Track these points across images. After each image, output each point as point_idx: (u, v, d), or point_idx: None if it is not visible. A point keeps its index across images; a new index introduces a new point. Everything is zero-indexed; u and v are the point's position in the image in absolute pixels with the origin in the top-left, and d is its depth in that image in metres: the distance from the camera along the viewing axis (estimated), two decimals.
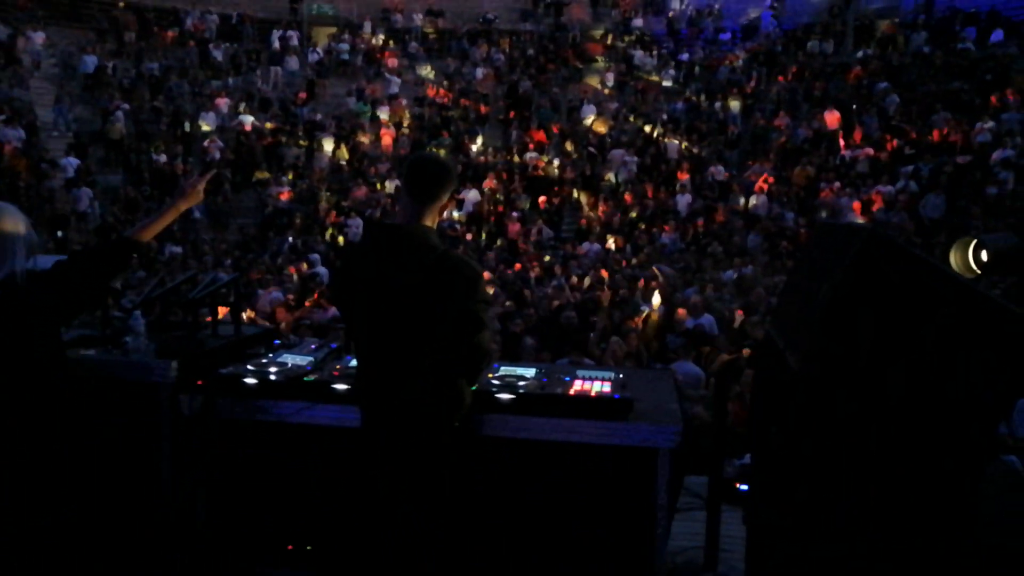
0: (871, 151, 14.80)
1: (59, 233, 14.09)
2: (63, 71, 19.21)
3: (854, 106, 16.24)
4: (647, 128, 18.42)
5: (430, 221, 2.38)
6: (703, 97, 19.12)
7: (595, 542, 2.67)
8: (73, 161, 16.26)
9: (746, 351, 5.90)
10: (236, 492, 2.92)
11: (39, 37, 18.91)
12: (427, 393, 2.32)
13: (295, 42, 22.05)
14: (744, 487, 3.91)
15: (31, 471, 2.27)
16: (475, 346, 2.31)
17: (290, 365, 2.98)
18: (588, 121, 18.56)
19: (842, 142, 15.52)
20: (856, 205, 13.13)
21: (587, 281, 10.28)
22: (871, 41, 19.32)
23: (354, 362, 3.07)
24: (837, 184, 13.99)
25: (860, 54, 18.56)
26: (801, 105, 17.52)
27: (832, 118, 16.02)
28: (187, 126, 18.10)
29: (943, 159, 13.66)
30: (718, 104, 18.60)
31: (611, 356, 6.17)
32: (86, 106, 18.14)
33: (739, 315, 7.81)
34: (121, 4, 21.39)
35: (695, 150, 17.26)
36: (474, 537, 2.70)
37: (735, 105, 18.01)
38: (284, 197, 16.42)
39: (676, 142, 17.40)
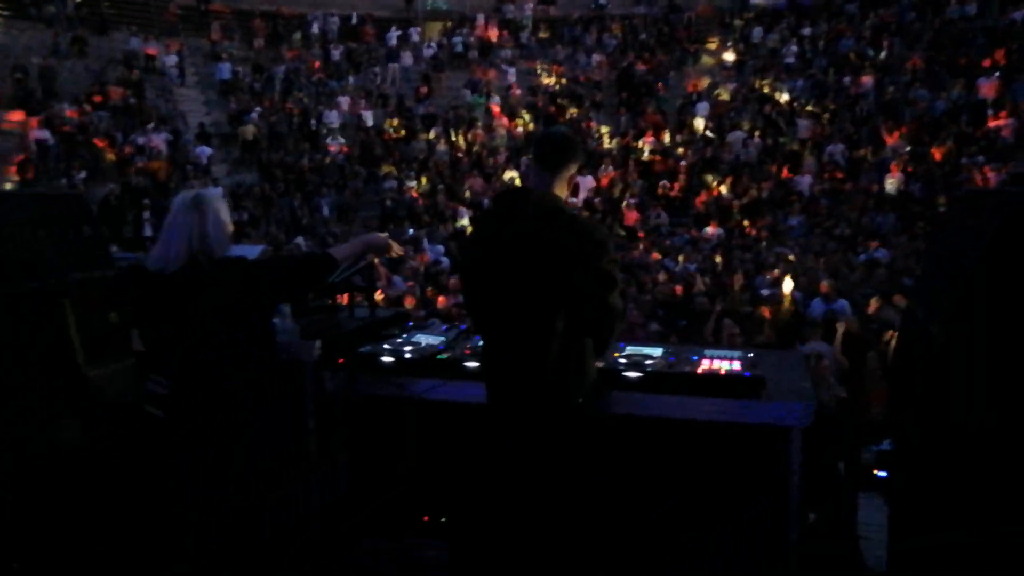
0: (1013, 122, 13.59)
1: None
2: (201, 79, 20.60)
3: (997, 74, 14.96)
4: (768, 108, 17.73)
5: (559, 190, 2.41)
6: (831, 72, 18.14)
7: (725, 523, 2.64)
8: (206, 150, 17.73)
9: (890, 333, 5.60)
10: (375, 464, 3.08)
11: (174, 46, 20.29)
12: (553, 365, 2.31)
13: (414, 38, 22.64)
14: (883, 473, 3.74)
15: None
16: (609, 306, 2.27)
17: (423, 344, 3.11)
18: (699, 124, 18.01)
19: (989, 114, 14.35)
20: (989, 181, 12.12)
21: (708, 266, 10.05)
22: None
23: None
24: (980, 158, 12.98)
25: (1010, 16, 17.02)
26: (941, 76, 16.32)
27: (990, 87, 14.80)
28: (313, 125, 19.00)
29: None
30: (847, 79, 17.62)
31: (726, 340, 6.03)
32: (221, 111, 19.37)
33: (872, 304, 7.40)
34: (253, 12, 22.67)
35: (820, 129, 16.44)
36: (599, 515, 2.73)
37: (866, 80, 16.99)
38: (413, 194, 16.90)
39: (801, 121, 16.65)
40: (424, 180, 17.35)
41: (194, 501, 2.52)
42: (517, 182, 16.36)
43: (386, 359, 3.00)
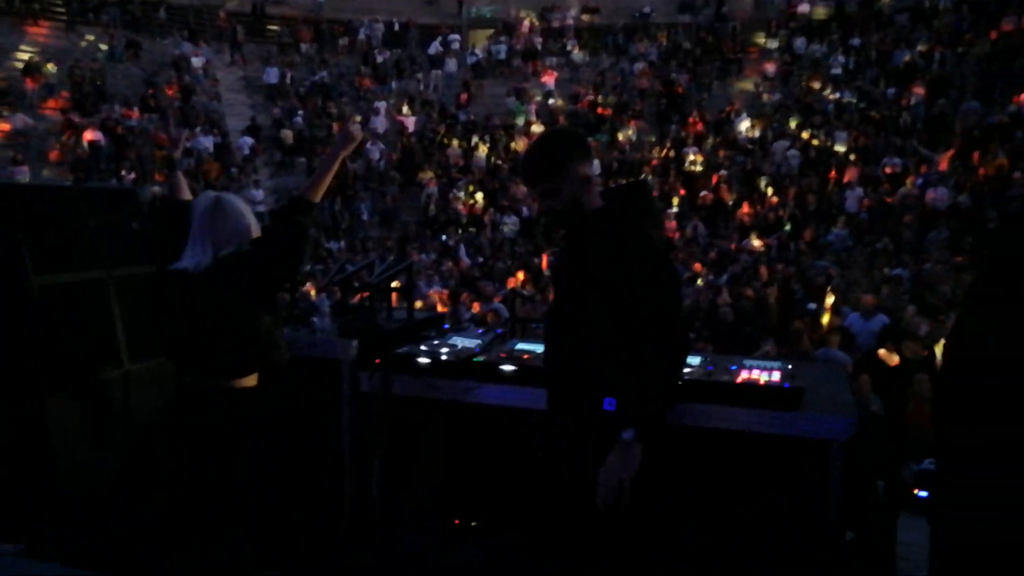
0: None
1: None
2: (249, 83, 21.04)
3: None
4: (812, 120, 17.47)
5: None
6: (882, 83, 17.79)
7: (763, 535, 2.59)
8: (248, 140, 18.29)
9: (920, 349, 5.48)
10: (408, 465, 3.10)
11: (207, 55, 20.68)
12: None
13: (456, 45, 22.83)
14: (923, 493, 3.65)
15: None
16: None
17: (460, 347, 3.12)
18: (742, 127, 17.81)
19: None
20: None
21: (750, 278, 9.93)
22: None
23: (520, 344, 3.18)
24: None
25: None
26: (995, 88, 15.90)
27: None
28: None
29: None
30: (891, 91, 17.27)
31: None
32: (267, 115, 19.74)
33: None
34: (300, 18, 23.10)
35: (866, 141, 16.12)
36: (635, 523, 2.70)
37: (917, 91, 16.64)
38: (460, 207, 16.92)
39: (845, 133, 16.36)
40: (471, 189, 17.39)
41: (202, 504, 2.56)
42: None
43: (422, 360, 3.01)
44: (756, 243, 13.14)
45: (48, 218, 3.11)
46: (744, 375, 2.70)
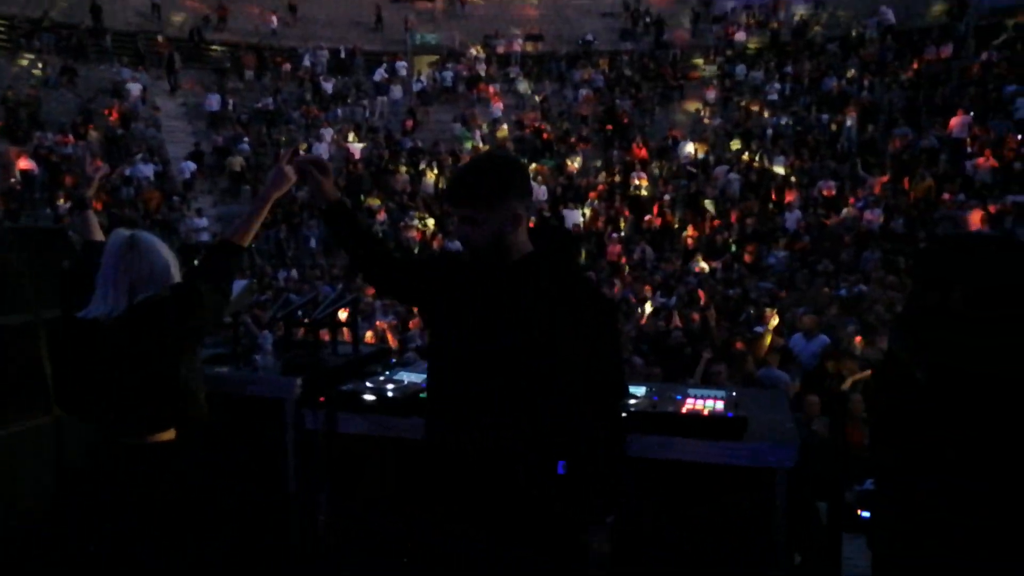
0: (995, 161, 13.86)
1: (195, 263, 15.10)
2: (190, 110, 20.69)
3: (972, 112, 15.25)
4: (751, 144, 18.00)
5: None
6: (813, 110, 18.47)
7: (710, 566, 2.62)
8: (191, 165, 18.10)
9: (862, 373, 5.64)
10: (354, 504, 3.04)
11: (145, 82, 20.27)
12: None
13: (403, 72, 22.88)
14: (866, 514, 3.73)
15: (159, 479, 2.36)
16: None
17: (406, 383, 3.08)
18: (686, 151, 18.21)
19: (968, 150, 14.60)
20: (976, 214, 12.29)
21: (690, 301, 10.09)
22: (993, 42, 18.13)
23: None
24: (961, 196, 13.18)
25: (984, 56, 17.44)
26: (921, 114, 16.65)
27: (958, 122, 15.06)
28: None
29: None
30: (825, 117, 17.93)
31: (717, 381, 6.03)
32: (208, 142, 19.43)
33: (858, 341, 7.45)
34: (242, 45, 22.87)
35: (803, 164, 16.67)
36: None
37: (849, 117, 17.30)
38: (415, 235, 16.80)
39: (783, 157, 16.89)
40: (420, 216, 17.31)
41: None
42: None
43: (368, 397, 2.96)
44: (702, 265, 13.39)
45: None
46: (689, 405, 2.73)
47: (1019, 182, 13.11)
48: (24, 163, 16.02)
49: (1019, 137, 14.43)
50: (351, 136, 20.06)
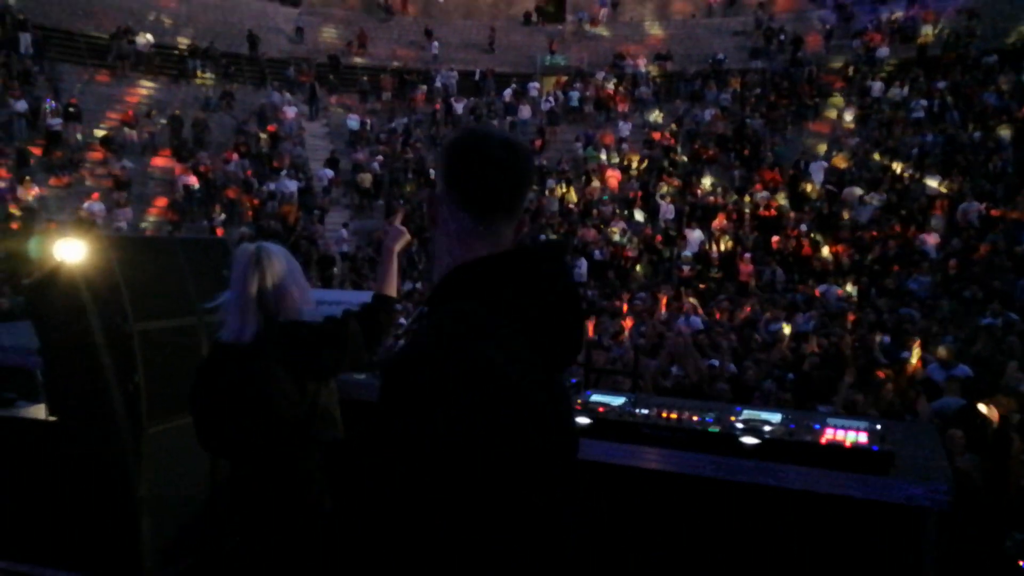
0: None
1: (334, 269, 15.96)
2: (332, 130, 21.92)
3: None
4: (894, 165, 16.98)
5: None
6: (971, 127, 17.18)
7: None
8: (328, 172, 19.04)
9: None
10: None
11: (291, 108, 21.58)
12: None
13: (532, 92, 23.26)
14: None
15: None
16: None
17: None
18: (818, 178, 17.37)
19: None
20: None
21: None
22: None
23: (595, 396, 3.14)
24: None
25: None
26: None
27: None
28: (431, 174, 19.74)
29: None
30: (977, 135, 16.65)
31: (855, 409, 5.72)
32: (348, 160, 20.49)
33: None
34: (382, 68, 24.02)
35: (952, 186, 15.54)
36: None
37: (1004, 133, 16.00)
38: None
39: (929, 178, 15.81)
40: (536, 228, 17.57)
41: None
42: (616, 236, 16.19)
43: None
44: (837, 290, 12.75)
45: (146, 268, 3.31)
46: (829, 435, 2.61)
47: None
48: (186, 178, 17.50)
49: None
50: None
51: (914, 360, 7.31)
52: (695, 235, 15.78)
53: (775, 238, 15.51)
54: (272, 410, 2.08)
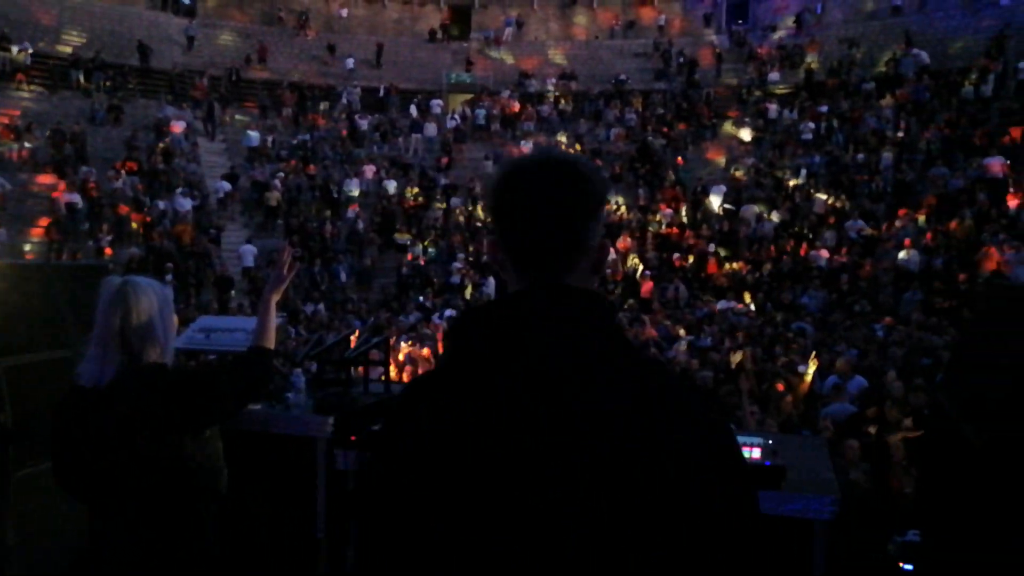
0: None
1: (232, 292, 15.33)
2: (230, 146, 21.20)
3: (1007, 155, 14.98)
4: (787, 183, 17.89)
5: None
6: (851, 149, 18.31)
7: None
8: (225, 185, 18.47)
9: (907, 423, 5.48)
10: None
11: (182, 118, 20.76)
12: None
13: (436, 110, 23.25)
14: (908, 566, 3.60)
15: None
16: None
17: None
18: (715, 205, 18.10)
19: (1009, 191, 14.33)
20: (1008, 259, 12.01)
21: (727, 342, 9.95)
22: None
23: None
24: (1002, 236, 12.91)
25: None
26: (957, 154, 16.42)
27: (997, 165, 14.83)
28: (335, 192, 19.37)
29: None
30: (861, 156, 17.78)
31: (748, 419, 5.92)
32: (247, 177, 19.85)
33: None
34: (283, 83, 23.45)
35: (838, 204, 16.50)
36: None
37: (885, 156, 17.13)
38: (420, 261, 17.09)
39: (819, 196, 16.74)
40: (426, 244, 17.56)
41: None
42: None
43: None
44: (734, 304, 13.25)
45: (12, 297, 3.07)
46: None
47: None
48: (67, 196, 16.48)
49: None
50: (385, 173, 20.36)
51: (810, 373, 7.65)
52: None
53: (676, 256, 16.02)
54: (132, 462, 1.91)
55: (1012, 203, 13.99)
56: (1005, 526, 1.78)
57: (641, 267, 15.84)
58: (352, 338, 4.06)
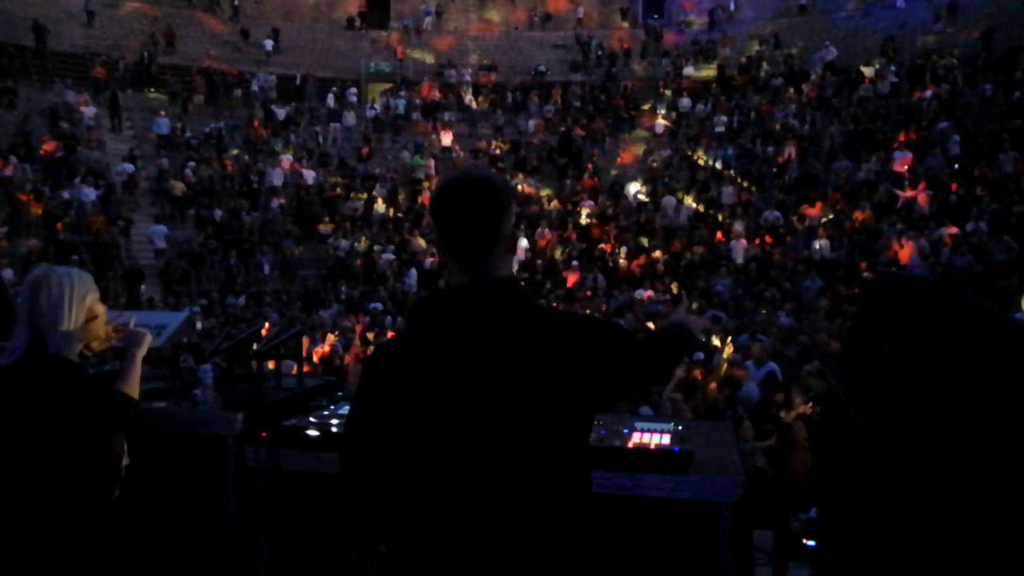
0: (929, 193, 14.43)
1: (142, 288, 14.69)
2: (138, 133, 20.28)
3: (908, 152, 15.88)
4: (699, 175, 18.41)
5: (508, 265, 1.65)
6: (758, 142, 18.99)
7: None
8: (128, 167, 17.80)
9: (807, 406, 5.75)
10: (297, 543, 2.96)
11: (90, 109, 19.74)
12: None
13: (352, 99, 22.83)
14: (811, 542, 3.78)
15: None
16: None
17: None
18: (631, 191, 18.49)
19: (906, 184, 15.16)
20: (906, 248, 12.74)
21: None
22: (926, 80, 18.89)
23: None
24: (899, 226, 13.66)
25: (926, 94, 18.14)
26: (859, 148, 17.27)
27: (904, 161, 15.67)
28: (254, 182, 18.79)
29: (1013, 199, 13.23)
30: (771, 149, 18.47)
31: (673, 411, 6.09)
32: (154, 165, 19.05)
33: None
34: (193, 69, 22.56)
35: (749, 196, 17.12)
36: None
37: (791, 150, 17.84)
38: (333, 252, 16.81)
39: (731, 188, 17.32)
40: (363, 241, 17.26)
41: None
42: None
43: (312, 433, 2.90)
44: (649, 294, 13.55)
45: None
46: (636, 439, 2.74)
47: (952, 215, 13.63)
48: None
49: (952, 171, 15.06)
50: (304, 162, 19.90)
51: (724, 358, 7.92)
52: (521, 244, 16.18)
53: (599, 246, 16.28)
54: (22, 449, 1.90)
55: (910, 194, 14.80)
56: (887, 502, 1.89)
57: (564, 258, 16.05)
58: (262, 331, 3.96)
